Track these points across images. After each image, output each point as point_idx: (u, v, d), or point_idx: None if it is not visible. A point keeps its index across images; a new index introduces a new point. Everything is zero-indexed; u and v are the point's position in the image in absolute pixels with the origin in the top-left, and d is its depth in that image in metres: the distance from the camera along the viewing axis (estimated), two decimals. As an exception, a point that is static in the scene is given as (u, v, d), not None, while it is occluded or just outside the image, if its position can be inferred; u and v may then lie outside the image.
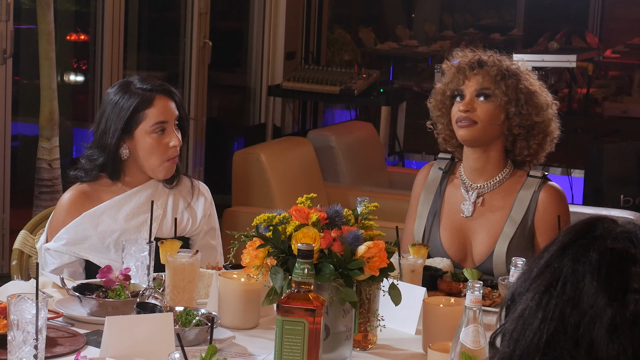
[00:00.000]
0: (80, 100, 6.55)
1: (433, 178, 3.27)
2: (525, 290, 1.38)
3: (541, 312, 1.35)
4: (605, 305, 1.31)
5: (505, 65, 3.16)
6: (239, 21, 7.63)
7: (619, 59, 12.24)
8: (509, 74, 3.14)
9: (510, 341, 1.37)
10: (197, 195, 3.31)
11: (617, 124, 9.49)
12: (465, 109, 3.12)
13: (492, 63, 3.16)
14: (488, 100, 3.12)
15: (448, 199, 3.23)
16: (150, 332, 2.39)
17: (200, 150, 6.78)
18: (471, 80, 3.14)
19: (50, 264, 3.17)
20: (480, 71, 3.14)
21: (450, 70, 3.21)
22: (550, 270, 1.37)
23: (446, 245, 3.17)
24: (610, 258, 1.34)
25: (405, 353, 2.63)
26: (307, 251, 2.31)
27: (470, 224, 3.17)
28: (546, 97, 3.19)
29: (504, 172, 3.18)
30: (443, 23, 12.44)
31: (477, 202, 3.17)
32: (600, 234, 1.37)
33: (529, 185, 3.15)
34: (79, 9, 6.50)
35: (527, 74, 3.20)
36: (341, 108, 8.88)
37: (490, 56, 3.19)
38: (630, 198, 6.68)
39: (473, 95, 3.13)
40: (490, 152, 3.16)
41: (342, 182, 6.14)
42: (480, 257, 3.14)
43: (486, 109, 3.12)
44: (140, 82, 3.20)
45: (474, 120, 3.11)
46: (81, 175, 3.24)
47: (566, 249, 1.38)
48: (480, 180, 3.18)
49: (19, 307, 2.31)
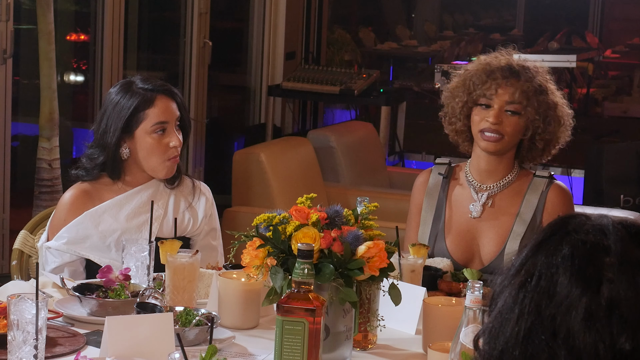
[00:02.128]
0: (80, 100, 6.55)
1: (434, 184, 3.25)
2: (503, 288, 1.41)
3: (518, 307, 1.37)
4: (579, 295, 1.33)
5: (538, 80, 3.09)
6: (239, 21, 7.63)
7: (619, 59, 12.25)
8: (541, 90, 3.09)
9: (490, 339, 1.39)
10: (198, 195, 3.31)
11: (617, 124, 9.50)
12: (495, 122, 3.06)
13: (525, 76, 3.08)
14: (517, 115, 3.08)
15: (452, 203, 3.21)
16: (150, 332, 2.39)
17: (200, 150, 6.78)
18: (503, 90, 3.07)
19: (51, 263, 3.17)
20: (513, 82, 3.07)
21: (477, 69, 3.12)
22: (525, 267, 1.40)
23: (451, 249, 3.15)
24: (582, 250, 1.36)
25: (405, 353, 2.63)
26: (307, 251, 2.31)
27: (479, 225, 3.16)
28: (567, 109, 3.16)
29: (512, 173, 3.17)
30: (443, 23, 12.45)
31: (486, 204, 3.16)
32: (572, 228, 1.40)
33: (537, 185, 3.15)
34: (79, 9, 6.50)
35: (551, 82, 3.14)
36: (341, 108, 8.89)
37: (523, 66, 3.10)
38: (630, 198, 6.69)
39: (503, 108, 3.07)
40: (504, 156, 3.15)
41: (342, 182, 6.14)
42: (489, 256, 3.13)
43: (514, 123, 3.07)
44: (141, 82, 3.20)
45: (501, 133, 3.08)
46: (82, 175, 3.24)
47: (540, 246, 1.41)
48: (489, 181, 3.17)
49: (19, 307, 2.31)
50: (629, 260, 1.35)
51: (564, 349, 1.32)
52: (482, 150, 3.14)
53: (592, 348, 1.31)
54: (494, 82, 3.08)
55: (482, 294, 2.25)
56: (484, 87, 3.09)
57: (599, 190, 6.81)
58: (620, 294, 1.32)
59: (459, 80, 3.16)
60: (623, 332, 1.31)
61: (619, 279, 1.33)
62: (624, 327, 1.32)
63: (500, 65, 3.11)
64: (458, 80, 3.17)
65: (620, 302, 1.32)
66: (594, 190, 6.86)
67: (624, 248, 1.36)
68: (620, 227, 1.39)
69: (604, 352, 1.31)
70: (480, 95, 3.09)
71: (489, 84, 3.08)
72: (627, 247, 1.36)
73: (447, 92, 3.21)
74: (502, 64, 3.11)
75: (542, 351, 1.33)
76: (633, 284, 1.33)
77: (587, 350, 1.31)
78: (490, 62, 3.13)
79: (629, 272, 1.34)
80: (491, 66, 3.11)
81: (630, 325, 1.32)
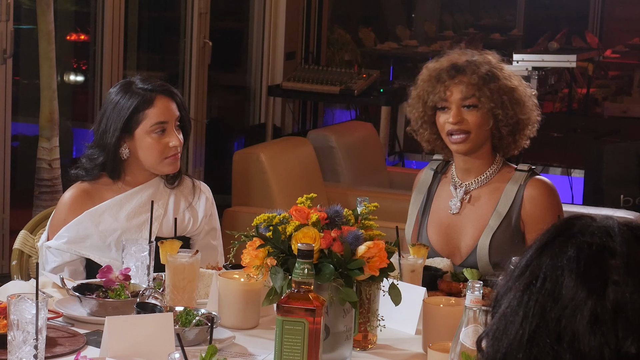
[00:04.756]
0: (80, 100, 6.55)
1: (424, 179, 3.30)
2: (507, 290, 1.40)
3: (522, 310, 1.36)
4: (585, 298, 1.32)
5: (484, 69, 3.12)
6: (239, 21, 7.63)
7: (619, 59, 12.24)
8: (489, 77, 3.11)
9: (494, 341, 1.38)
10: (198, 195, 3.31)
11: (617, 124, 9.49)
12: (455, 121, 3.10)
13: (470, 69, 3.11)
14: (475, 108, 3.11)
15: (437, 198, 3.25)
16: (150, 332, 2.39)
17: (200, 150, 6.78)
18: (453, 90, 3.10)
19: (51, 262, 3.18)
20: (460, 79, 3.10)
21: (426, 78, 3.16)
22: (530, 269, 1.38)
23: (433, 242, 3.19)
24: (588, 252, 1.35)
25: (405, 353, 2.63)
26: (307, 251, 2.31)
27: (458, 220, 3.18)
28: (525, 89, 3.18)
29: (492, 168, 3.19)
30: (443, 23, 12.44)
31: (464, 199, 3.18)
32: (577, 230, 1.38)
33: (516, 180, 3.16)
34: (79, 9, 6.50)
35: (502, 68, 3.17)
36: (341, 108, 8.88)
37: (466, 59, 3.14)
38: (630, 198, 6.69)
39: (459, 106, 3.11)
40: (478, 152, 3.17)
41: (342, 182, 6.14)
42: (466, 250, 3.15)
43: (475, 117, 3.11)
44: (141, 82, 3.21)
45: (465, 130, 3.11)
46: (82, 175, 3.24)
47: (545, 248, 1.39)
48: (469, 177, 3.20)
49: (19, 307, 2.31)
50: (635, 262, 1.34)
51: (568, 352, 1.31)
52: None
53: (597, 352, 1.30)
54: (443, 84, 3.11)
55: (482, 294, 2.25)
56: (435, 91, 3.12)
57: (599, 190, 6.81)
58: (626, 296, 1.31)
59: (415, 93, 3.21)
60: (629, 336, 1.30)
61: (625, 281, 1.32)
62: (630, 330, 1.30)
63: (444, 66, 3.14)
64: (414, 93, 3.21)
65: (626, 305, 1.31)
66: (594, 190, 6.87)
67: (629, 250, 1.35)
68: (626, 228, 1.38)
69: (609, 355, 1.30)
70: (435, 101, 3.13)
71: (438, 87, 3.12)
72: (633, 249, 1.35)
73: (408, 106, 3.27)
74: (445, 65, 3.14)
75: (547, 354, 1.32)
76: (639, 286, 1.32)
77: (592, 353, 1.30)
78: (435, 66, 3.16)
79: (634, 274, 1.33)
80: (437, 70, 3.14)
81: (635, 329, 1.30)
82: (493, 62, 3.16)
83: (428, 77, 3.16)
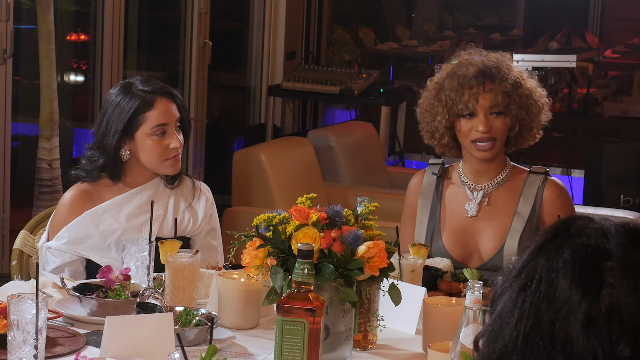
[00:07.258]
0: (80, 100, 6.55)
1: (428, 183, 3.26)
2: (503, 290, 1.39)
3: (517, 311, 1.35)
4: (579, 300, 1.31)
5: (512, 76, 3.09)
6: (239, 21, 7.63)
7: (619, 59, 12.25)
8: (517, 84, 3.09)
9: (489, 341, 1.38)
10: (198, 195, 3.31)
11: (617, 124, 9.49)
12: (485, 130, 3.06)
13: (500, 77, 3.07)
14: (502, 115, 3.08)
15: (447, 202, 3.22)
16: (150, 332, 2.39)
17: (200, 150, 6.78)
18: (483, 97, 3.07)
19: (52, 263, 3.18)
20: (490, 86, 3.06)
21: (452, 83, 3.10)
22: (526, 270, 1.38)
23: (449, 247, 3.16)
24: (583, 254, 1.34)
25: (405, 353, 2.63)
26: (307, 251, 2.31)
27: (476, 224, 3.16)
28: (541, 92, 3.18)
29: (505, 169, 3.19)
30: (443, 23, 12.44)
31: (482, 202, 3.17)
32: (574, 231, 1.38)
33: (533, 182, 3.17)
34: (79, 9, 6.50)
35: (521, 72, 3.17)
36: (341, 108, 8.89)
37: (493, 66, 3.10)
38: (630, 198, 6.69)
39: (487, 113, 3.08)
40: (495, 155, 3.16)
41: (342, 182, 6.14)
42: (489, 253, 3.13)
43: (502, 123, 3.08)
44: (141, 83, 3.20)
45: (492, 137, 3.09)
46: (82, 176, 3.24)
47: (541, 249, 1.39)
48: (484, 180, 3.18)
49: (19, 307, 2.31)
50: (630, 264, 1.33)
51: (562, 355, 1.30)
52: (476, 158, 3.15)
53: (591, 355, 1.29)
54: (471, 91, 3.07)
55: (482, 294, 2.25)
56: (463, 99, 3.08)
57: (599, 190, 6.81)
58: (621, 299, 1.30)
59: (433, 96, 3.15)
60: (622, 339, 1.29)
61: (620, 283, 1.31)
62: (624, 333, 1.29)
63: (471, 73, 3.08)
64: (431, 96, 3.16)
65: (620, 307, 1.30)
66: (594, 190, 6.87)
67: (625, 252, 1.34)
68: (623, 230, 1.37)
69: (603, 358, 1.29)
70: (462, 109, 3.09)
71: (467, 95, 3.07)
72: (629, 252, 1.34)
73: (422, 108, 3.20)
74: (472, 71, 3.08)
75: (540, 356, 1.31)
76: (634, 289, 1.31)
77: (585, 356, 1.29)
78: (459, 72, 3.10)
79: (629, 277, 1.32)
80: (463, 77, 3.09)
81: (629, 332, 1.30)
82: (513, 65, 3.15)
83: (454, 82, 3.09)
